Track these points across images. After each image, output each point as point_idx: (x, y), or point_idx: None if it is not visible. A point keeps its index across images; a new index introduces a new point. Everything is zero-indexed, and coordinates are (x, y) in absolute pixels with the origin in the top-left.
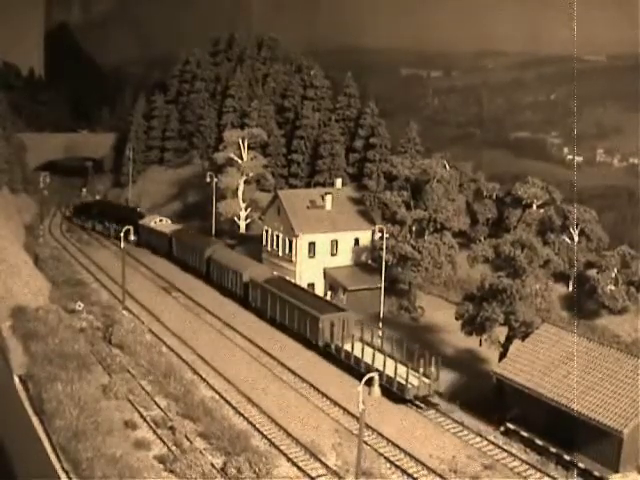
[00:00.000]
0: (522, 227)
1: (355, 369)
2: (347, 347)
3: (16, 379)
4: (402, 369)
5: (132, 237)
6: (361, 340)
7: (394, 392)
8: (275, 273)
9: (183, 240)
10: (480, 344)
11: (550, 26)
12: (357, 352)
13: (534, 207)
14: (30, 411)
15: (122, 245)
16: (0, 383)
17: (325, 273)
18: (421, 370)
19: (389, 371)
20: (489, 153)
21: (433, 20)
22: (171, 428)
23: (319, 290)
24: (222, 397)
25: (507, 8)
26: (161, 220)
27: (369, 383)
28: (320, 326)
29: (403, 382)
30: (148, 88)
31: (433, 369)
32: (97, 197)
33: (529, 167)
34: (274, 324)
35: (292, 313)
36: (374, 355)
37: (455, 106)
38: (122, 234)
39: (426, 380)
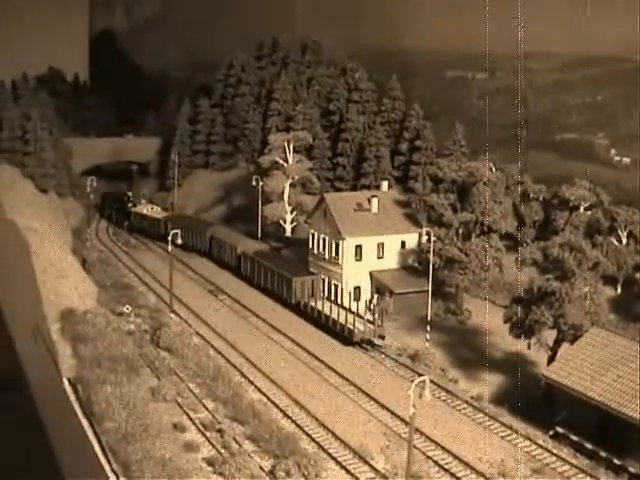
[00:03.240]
0: (569, 229)
1: (320, 321)
2: (313, 303)
3: (65, 382)
4: (359, 322)
5: (179, 240)
6: (326, 298)
7: (345, 337)
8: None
9: (184, 224)
10: (529, 347)
11: (596, 26)
12: (320, 307)
13: (581, 209)
14: (80, 413)
15: (169, 249)
16: (50, 386)
17: (371, 276)
18: (367, 318)
19: (342, 320)
20: (535, 155)
21: (477, 21)
22: (219, 431)
23: (365, 293)
24: (270, 400)
25: (552, 8)
26: (152, 208)
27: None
28: (293, 286)
29: (351, 327)
30: (192, 92)
31: (377, 316)
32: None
33: (576, 169)
34: (259, 288)
35: (272, 277)
36: (331, 308)
37: (500, 108)
38: (170, 238)
39: (371, 326)
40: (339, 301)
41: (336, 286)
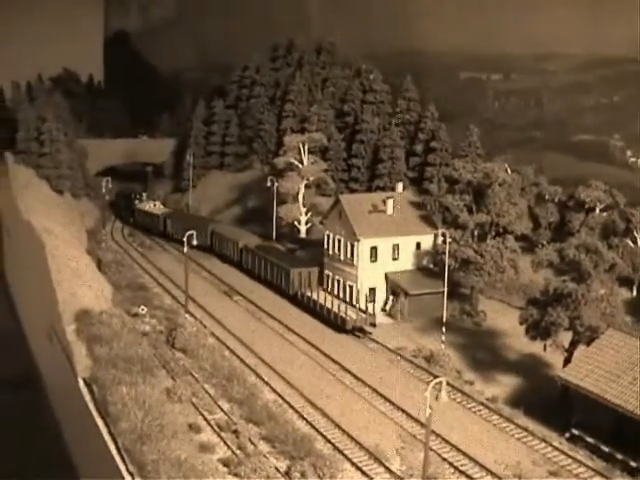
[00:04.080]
0: (585, 231)
1: (316, 310)
2: (308, 294)
3: (81, 382)
4: (352, 311)
5: (194, 242)
6: (323, 289)
7: (338, 325)
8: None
9: (184, 220)
10: (544, 349)
11: (611, 27)
12: (316, 297)
13: (597, 211)
14: (95, 414)
15: (185, 250)
16: (65, 386)
17: (387, 277)
18: (358, 307)
19: (335, 309)
20: (551, 156)
21: (492, 23)
22: (235, 431)
23: (381, 294)
24: (285, 401)
25: (567, 9)
26: (154, 204)
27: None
28: (291, 277)
29: (344, 316)
30: (207, 94)
31: (370, 306)
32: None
33: (592, 170)
34: (260, 280)
35: (272, 269)
36: (325, 297)
37: (515, 109)
38: (185, 239)
39: (363, 315)
40: (354, 302)
41: (351, 287)
